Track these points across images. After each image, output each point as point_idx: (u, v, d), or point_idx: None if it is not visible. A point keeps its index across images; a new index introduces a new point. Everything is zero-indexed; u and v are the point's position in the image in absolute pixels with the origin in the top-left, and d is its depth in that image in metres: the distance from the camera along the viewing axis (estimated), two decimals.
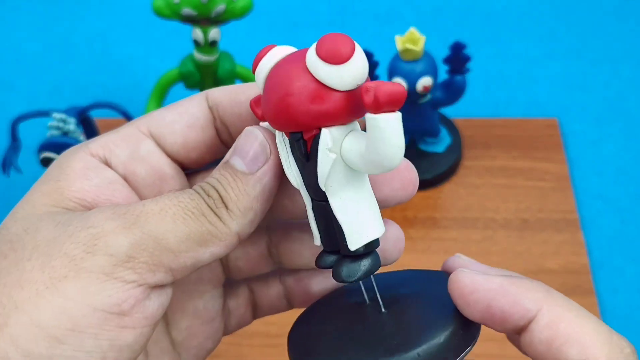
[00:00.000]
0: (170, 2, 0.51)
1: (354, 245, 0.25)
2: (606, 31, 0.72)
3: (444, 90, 0.57)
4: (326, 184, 0.24)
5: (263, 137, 0.26)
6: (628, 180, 0.62)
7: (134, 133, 0.28)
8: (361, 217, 0.25)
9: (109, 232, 0.24)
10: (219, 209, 0.25)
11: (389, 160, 0.23)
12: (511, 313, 0.24)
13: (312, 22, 0.74)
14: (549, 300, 0.24)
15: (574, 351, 0.23)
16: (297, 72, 0.23)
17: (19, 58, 0.72)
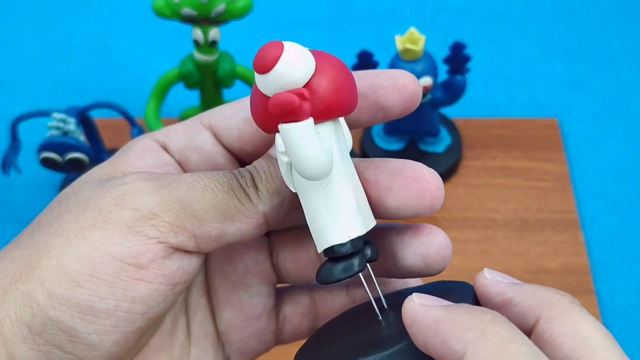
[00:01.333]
0: (170, 2, 0.51)
1: (319, 248, 0.25)
2: (606, 31, 0.73)
3: (444, 90, 0.57)
4: (295, 186, 0.25)
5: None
6: (628, 180, 0.62)
7: (194, 124, 0.29)
8: (321, 221, 0.24)
9: (138, 190, 0.25)
10: (249, 187, 0.26)
11: (301, 171, 0.23)
12: (442, 354, 0.23)
13: (312, 22, 0.74)
14: (478, 344, 0.22)
15: None
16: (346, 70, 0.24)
17: (19, 58, 0.72)
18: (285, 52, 0.23)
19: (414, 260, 0.27)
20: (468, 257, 0.56)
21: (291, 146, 0.23)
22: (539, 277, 0.55)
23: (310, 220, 0.25)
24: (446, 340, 0.22)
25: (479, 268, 0.60)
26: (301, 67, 0.23)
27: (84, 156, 0.52)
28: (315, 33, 0.73)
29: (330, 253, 0.25)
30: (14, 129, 0.54)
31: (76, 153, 0.52)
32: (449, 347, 0.22)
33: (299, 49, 0.24)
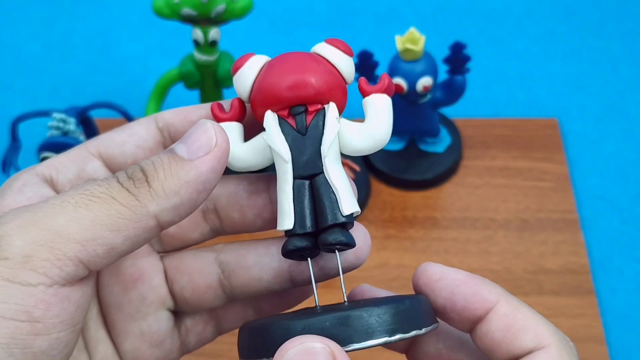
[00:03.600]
0: (170, 2, 0.51)
1: (348, 209, 0.28)
2: (606, 31, 0.73)
3: (444, 90, 0.57)
4: (327, 153, 0.28)
5: (213, 130, 0.26)
6: (628, 180, 0.62)
7: (82, 154, 0.28)
8: (350, 187, 0.28)
9: (4, 234, 0.22)
10: (137, 188, 0.24)
11: (387, 132, 0.28)
12: (472, 301, 0.27)
13: (312, 22, 0.74)
14: (506, 295, 0.27)
15: (529, 337, 0.26)
16: (314, 58, 0.29)
17: (19, 58, 0.72)
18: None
19: (346, 256, 0.29)
20: (468, 257, 0.56)
21: (391, 112, 0.28)
22: (539, 277, 0.55)
23: (342, 184, 0.28)
24: (478, 291, 0.27)
25: (479, 268, 0.60)
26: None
27: None
28: (315, 33, 0.73)
29: (352, 218, 0.28)
30: (14, 129, 0.54)
31: None
32: (481, 295, 0.27)
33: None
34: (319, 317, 0.25)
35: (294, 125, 0.28)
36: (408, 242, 0.57)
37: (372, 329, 0.25)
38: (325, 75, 0.28)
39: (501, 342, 0.27)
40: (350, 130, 0.28)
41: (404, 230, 0.58)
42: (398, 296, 0.28)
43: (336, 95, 0.28)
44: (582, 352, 0.51)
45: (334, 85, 0.28)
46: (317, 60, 0.28)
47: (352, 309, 0.25)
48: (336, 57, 0.29)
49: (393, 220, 0.59)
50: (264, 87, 0.28)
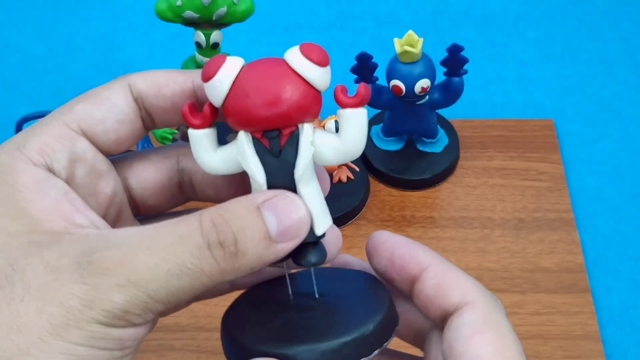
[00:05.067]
0: (172, 5, 0.52)
1: (320, 230, 0.28)
2: (601, 33, 0.73)
3: (442, 92, 0.57)
4: (301, 178, 0.27)
5: (305, 218, 0.26)
6: (623, 180, 0.62)
7: (66, 133, 0.27)
8: (323, 206, 0.28)
9: (104, 289, 0.24)
10: (226, 261, 0.25)
11: (361, 148, 0.27)
12: (408, 262, 0.29)
13: (312, 24, 0.74)
14: (438, 258, 0.30)
15: (456, 293, 0.28)
16: (285, 75, 0.26)
17: (24, 60, 0.72)
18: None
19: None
20: (465, 256, 0.57)
21: (365, 126, 0.27)
22: (536, 275, 0.56)
23: (315, 204, 0.27)
24: (414, 253, 0.29)
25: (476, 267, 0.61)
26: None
27: None
28: (315, 35, 0.73)
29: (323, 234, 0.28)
30: (19, 130, 0.55)
31: None
32: (416, 257, 0.29)
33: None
34: (292, 349, 0.26)
35: (267, 147, 0.27)
36: None
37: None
38: (299, 98, 0.26)
39: (433, 299, 0.29)
40: (324, 146, 0.27)
41: (402, 229, 0.58)
42: (362, 314, 0.28)
43: (310, 113, 0.27)
44: (578, 349, 0.51)
45: (308, 105, 0.27)
46: (290, 77, 0.26)
47: (324, 337, 0.27)
48: (309, 72, 0.27)
49: (391, 219, 0.59)
50: (237, 111, 0.26)
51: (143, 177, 0.30)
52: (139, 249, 0.24)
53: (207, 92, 0.27)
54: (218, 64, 0.26)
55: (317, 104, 0.27)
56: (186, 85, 0.29)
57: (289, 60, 0.27)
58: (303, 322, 0.28)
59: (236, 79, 0.26)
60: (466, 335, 0.27)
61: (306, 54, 0.27)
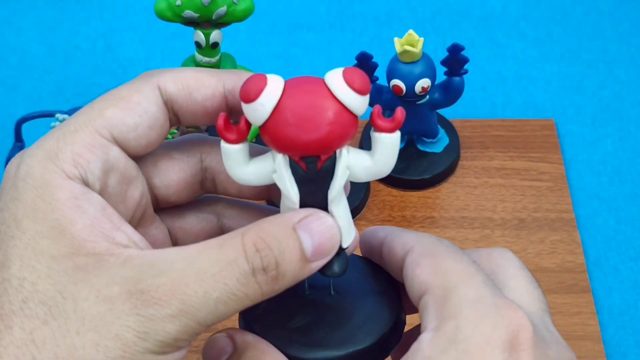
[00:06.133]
0: (172, 4, 0.52)
1: (346, 243, 0.29)
2: (602, 33, 0.73)
3: (442, 91, 0.57)
4: (334, 198, 0.28)
5: (338, 239, 0.27)
6: (623, 180, 0.62)
7: (98, 141, 0.27)
8: (349, 220, 0.29)
9: (157, 321, 0.24)
10: (268, 285, 0.26)
11: (391, 168, 0.28)
12: (370, 239, 0.31)
13: (312, 24, 0.74)
14: (394, 230, 0.31)
15: (399, 249, 0.30)
16: (328, 103, 0.26)
17: (23, 60, 0.72)
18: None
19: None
20: None
21: (397, 149, 0.28)
22: (536, 275, 0.55)
23: (343, 221, 0.29)
24: (375, 231, 0.31)
25: None
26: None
27: None
28: (315, 35, 0.73)
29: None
30: (18, 130, 0.55)
31: None
32: (376, 234, 0.31)
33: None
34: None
35: (304, 168, 0.28)
36: None
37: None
38: (341, 128, 0.27)
39: (390, 263, 0.30)
40: (357, 167, 0.28)
41: None
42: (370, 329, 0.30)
43: (348, 139, 0.28)
44: (579, 350, 0.51)
45: (348, 132, 0.27)
46: (332, 107, 0.26)
47: (338, 345, 0.29)
48: (350, 100, 0.27)
49: (392, 219, 0.59)
50: (278, 137, 0.27)
51: (167, 176, 0.30)
52: (188, 276, 0.25)
53: (246, 112, 0.27)
54: (260, 87, 0.26)
55: (355, 128, 0.27)
56: (217, 90, 0.28)
57: (330, 86, 0.27)
58: (319, 324, 0.30)
59: (278, 103, 0.26)
60: (409, 274, 0.29)
61: (349, 82, 0.26)
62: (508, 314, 0.26)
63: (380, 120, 0.28)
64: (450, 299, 0.27)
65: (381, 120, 0.28)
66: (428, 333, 0.27)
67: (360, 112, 0.27)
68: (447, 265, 0.28)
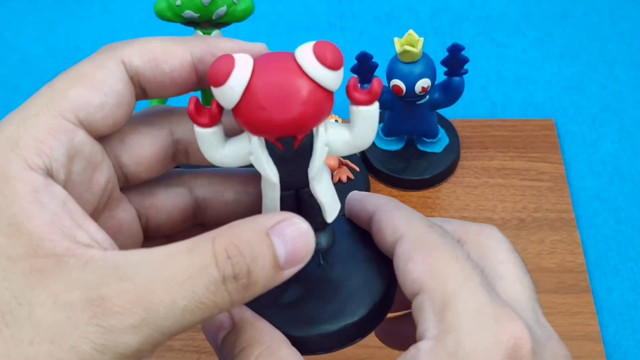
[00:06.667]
0: (172, 4, 0.52)
1: (331, 218, 0.29)
2: (602, 33, 0.73)
3: (442, 91, 0.57)
4: (315, 174, 0.28)
5: (312, 240, 0.26)
6: (623, 180, 0.62)
7: (62, 125, 0.25)
8: (333, 194, 0.29)
9: (118, 332, 0.22)
10: (238, 294, 0.24)
11: (371, 141, 0.28)
12: (357, 210, 0.31)
13: (312, 24, 0.74)
14: (384, 204, 0.30)
15: (389, 232, 0.29)
16: (299, 82, 0.25)
17: (23, 60, 0.73)
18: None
19: None
20: None
21: (376, 122, 0.27)
22: (536, 275, 0.56)
23: (327, 197, 0.29)
24: (363, 201, 0.30)
25: None
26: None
27: None
28: (315, 35, 0.73)
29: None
30: None
31: None
32: (364, 206, 0.30)
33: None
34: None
35: (281, 149, 0.27)
36: None
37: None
38: (315, 106, 0.26)
39: (379, 241, 0.30)
40: (336, 141, 0.27)
41: None
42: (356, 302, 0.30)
43: (324, 116, 0.26)
44: (579, 350, 0.51)
45: (323, 110, 0.26)
46: (304, 85, 0.25)
47: (328, 320, 0.29)
48: (323, 77, 0.25)
49: None
50: (251, 121, 0.26)
51: (137, 153, 0.29)
52: (154, 283, 0.23)
53: (216, 95, 0.26)
54: (228, 69, 0.25)
55: (330, 104, 0.26)
56: (185, 60, 0.27)
57: (301, 63, 0.25)
58: (309, 298, 0.30)
59: (248, 84, 0.25)
60: (401, 268, 0.28)
61: (320, 58, 0.25)
62: (509, 327, 0.26)
63: (357, 92, 0.27)
64: (450, 307, 0.26)
65: (358, 92, 0.27)
66: (428, 342, 0.26)
67: (334, 88, 0.26)
68: (443, 264, 0.27)
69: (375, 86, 0.27)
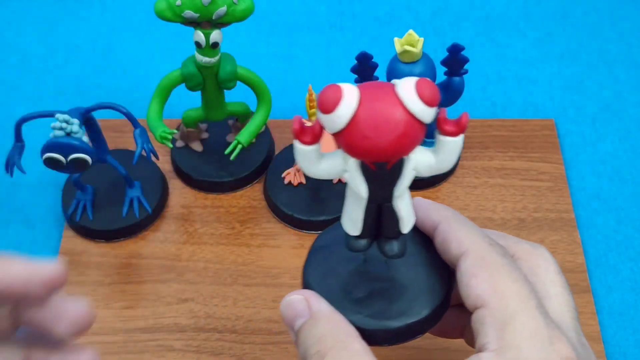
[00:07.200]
0: (172, 4, 0.52)
1: (407, 229, 0.34)
2: (602, 33, 0.73)
3: (442, 91, 0.57)
4: (399, 194, 0.32)
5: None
6: (623, 180, 0.62)
7: None
8: (411, 210, 0.34)
9: None
10: None
11: (451, 167, 0.32)
12: (423, 219, 0.36)
13: (312, 24, 0.75)
14: (449, 216, 0.35)
15: (453, 245, 0.33)
16: (400, 117, 0.29)
17: (23, 60, 0.73)
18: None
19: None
20: None
21: (458, 151, 0.31)
22: None
23: (406, 212, 0.33)
24: (429, 210, 0.36)
25: None
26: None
27: (87, 157, 0.52)
28: (315, 35, 0.74)
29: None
30: (18, 130, 0.55)
31: (79, 154, 0.52)
32: (429, 215, 0.35)
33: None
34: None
35: (373, 169, 0.31)
36: None
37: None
38: (412, 138, 0.29)
39: (443, 253, 0.34)
40: (421, 166, 0.31)
41: None
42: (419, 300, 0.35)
43: (417, 145, 0.30)
44: None
45: (416, 140, 0.30)
46: (405, 120, 0.29)
47: (395, 317, 0.34)
48: (421, 113, 0.29)
49: None
50: (353, 147, 0.29)
51: None
52: None
53: (322, 121, 0.29)
54: (337, 99, 0.28)
55: (422, 134, 0.30)
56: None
57: (402, 97, 0.29)
58: (378, 296, 0.35)
59: (354, 114, 0.28)
60: (465, 282, 0.32)
61: (421, 95, 0.29)
62: (560, 349, 0.31)
63: (446, 125, 0.30)
64: (510, 326, 0.31)
65: (447, 125, 0.30)
66: (489, 354, 0.31)
67: (428, 122, 0.29)
68: (504, 286, 0.32)
69: (463, 120, 0.30)
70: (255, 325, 0.54)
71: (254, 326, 0.54)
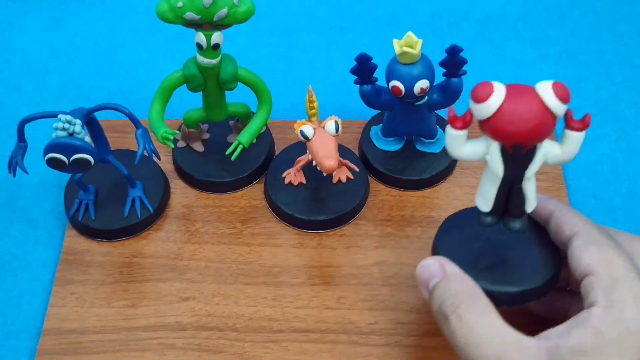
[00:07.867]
0: (173, 6, 0.52)
1: (530, 209, 0.41)
2: (599, 35, 0.73)
3: (441, 92, 0.58)
4: (529, 176, 0.39)
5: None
6: (620, 180, 0.63)
7: None
8: (536, 193, 0.41)
9: None
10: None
11: (573, 158, 0.39)
12: (540, 207, 0.44)
13: (312, 26, 0.75)
14: (562, 205, 0.44)
15: (566, 227, 0.42)
16: (540, 110, 0.36)
17: (26, 61, 0.73)
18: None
19: None
20: None
21: (581, 143, 0.39)
22: None
23: (532, 193, 0.41)
24: (543, 201, 0.44)
25: None
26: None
27: (90, 157, 0.53)
28: (315, 36, 0.74)
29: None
30: (21, 130, 0.55)
31: (82, 154, 0.52)
32: (544, 204, 0.44)
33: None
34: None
35: (510, 152, 0.38)
36: (406, 240, 0.58)
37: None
38: (547, 127, 0.36)
39: (556, 235, 0.43)
40: (549, 154, 0.39)
41: (402, 229, 0.59)
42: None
43: (549, 134, 0.37)
44: None
45: (549, 130, 0.37)
46: (543, 112, 0.36)
47: (517, 282, 0.43)
48: (557, 108, 0.36)
49: (391, 219, 0.59)
50: (498, 131, 0.37)
51: None
52: None
53: (473, 109, 0.37)
54: (489, 92, 0.36)
55: (554, 126, 0.37)
56: None
57: (541, 95, 0.36)
58: (500, 265, 0.43)
59: (501, 105, 0.36)
60: (576, 255, 0.40)
61: (558, 95, 0.36)
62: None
63: (573, 122, 0.38)
64: (616, 288, 0.38)
65: (574, 122, 0.38)
66: (598, 308, 0.38)
67: (560, 116, 0.36)
68: (611, 257, 0.40)
69: (587, 118, 0.38)
70: (256, 323, 0.54)
71: (255, 324, 0.54)
